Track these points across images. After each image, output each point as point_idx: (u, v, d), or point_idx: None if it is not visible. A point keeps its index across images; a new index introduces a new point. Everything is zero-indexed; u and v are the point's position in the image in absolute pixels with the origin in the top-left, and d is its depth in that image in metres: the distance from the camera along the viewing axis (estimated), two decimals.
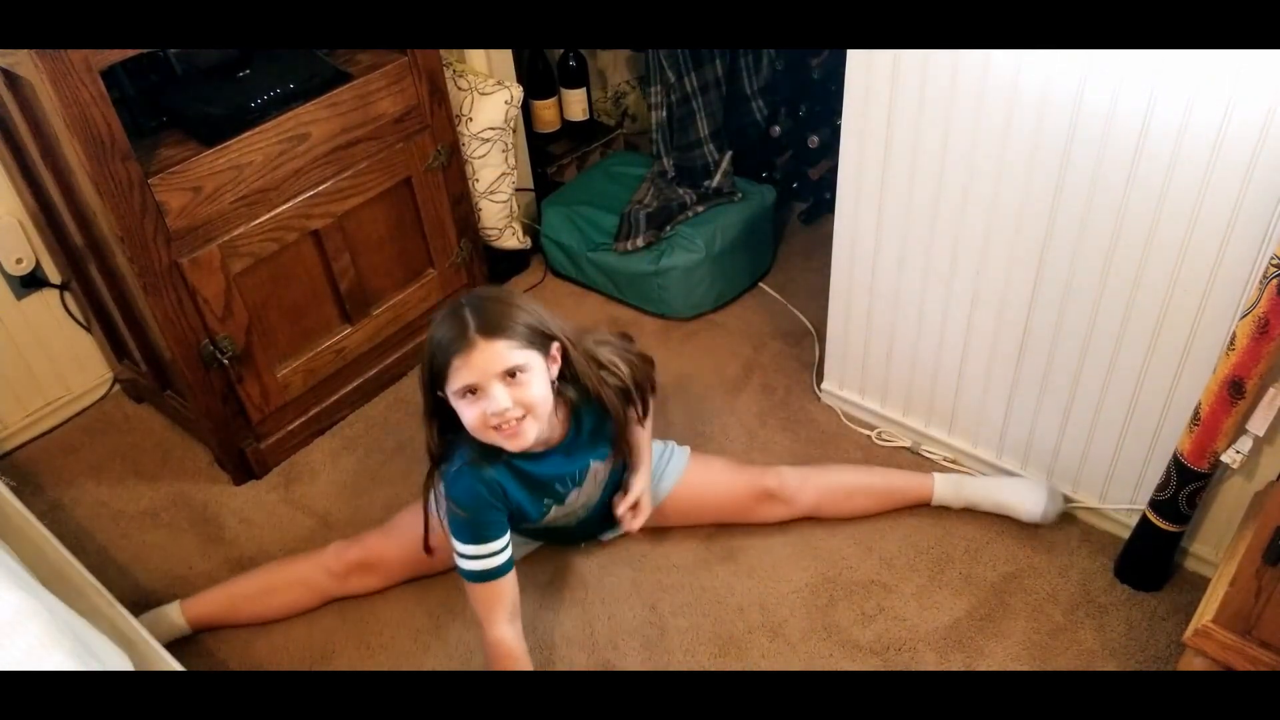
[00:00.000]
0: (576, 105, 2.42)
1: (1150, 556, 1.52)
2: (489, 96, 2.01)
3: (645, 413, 1.52)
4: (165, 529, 1.78)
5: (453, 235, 2.01)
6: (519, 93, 2.05)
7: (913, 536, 1.65)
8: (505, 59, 2.17)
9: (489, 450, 1.36)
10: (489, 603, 1.39)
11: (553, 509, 1.48)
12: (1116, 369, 1.47)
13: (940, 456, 1.79)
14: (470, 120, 2.00)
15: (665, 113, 2.17)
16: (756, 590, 1.59)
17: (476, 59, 2.12)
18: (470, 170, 2.05)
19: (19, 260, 1.82)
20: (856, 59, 1.47)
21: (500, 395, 1.27)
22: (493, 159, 2.06)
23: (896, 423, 1.83)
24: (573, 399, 1.42)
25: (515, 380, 1.28)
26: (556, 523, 1.52)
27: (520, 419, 1.30)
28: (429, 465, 1.42)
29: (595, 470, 1.49)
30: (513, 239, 2.21)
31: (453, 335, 1.27)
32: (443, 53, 1.90)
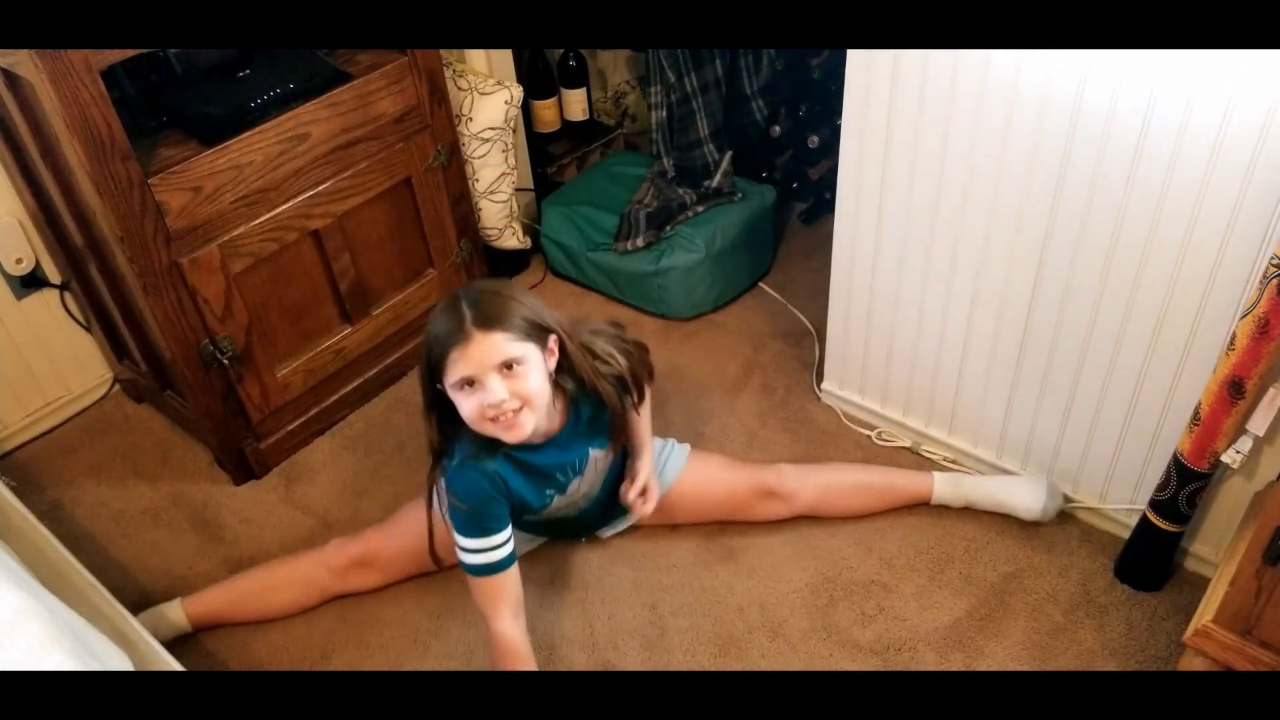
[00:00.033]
0: (576, 105, 2.43)
1: (1150, 556, 1.52)
2: (489, 96, 2.01)
3: (641, 399, 1.52)
4: (165, 529, 1.78)
5: (453, 235, 2.01)
6: (519, 93, 2.05)
7: (913, 536, 1.65)
8: (505, 59, 2.17)
9: (488, 442, 1.36)
10: (492, 597, 1.39)
11: (555, 498, 1.48)
12: (1116, 369, 1.47)
13: (940, 456, 1.79)
14: (470, 120, 2.00)
15: (665, 113, 2.17)
16: (756, 590, 1.60)
17: (476, 59, 2.12)
18: (470, 170, 2.05)
19: (19, 260, 1.82)
20: (856, 59, 1.47)
21: (497, 387, 1.28)
22: (493, 159, 2.06)
23: (896, 423, 1.83)
24: (570, 390, 1.42)
25: (512, 372, 1.29)
26: (558, 514, 1.52)
27: (517, 411, 1.30)
28: (431, 463, 1.42)
29: (595, 459, 1.49)
30: (513, 239, 2.21)
31: (450, 328, 1.28)
32: (443, 53, 1.90)
